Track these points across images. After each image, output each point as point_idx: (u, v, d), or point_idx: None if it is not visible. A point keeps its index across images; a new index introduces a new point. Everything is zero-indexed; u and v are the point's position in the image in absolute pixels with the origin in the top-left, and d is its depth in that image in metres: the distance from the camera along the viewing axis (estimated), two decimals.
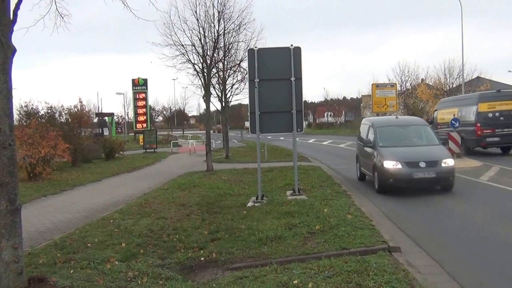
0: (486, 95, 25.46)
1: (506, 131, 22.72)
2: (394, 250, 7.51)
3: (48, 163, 20.40)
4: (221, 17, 22.57)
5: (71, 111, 27.53)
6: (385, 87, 52.59)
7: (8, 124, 5.43)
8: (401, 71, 57.96)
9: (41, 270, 6.86)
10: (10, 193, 5.49)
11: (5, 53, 5.48)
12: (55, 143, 20.47)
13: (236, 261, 7.45)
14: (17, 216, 5.60)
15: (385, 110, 48.05)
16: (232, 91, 28.84)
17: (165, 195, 14.18)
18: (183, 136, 68.71)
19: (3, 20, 5.50)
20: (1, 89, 5.41)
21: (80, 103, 29.43)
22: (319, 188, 13.92)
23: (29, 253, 7.81)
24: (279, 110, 12.85)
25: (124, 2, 7.49)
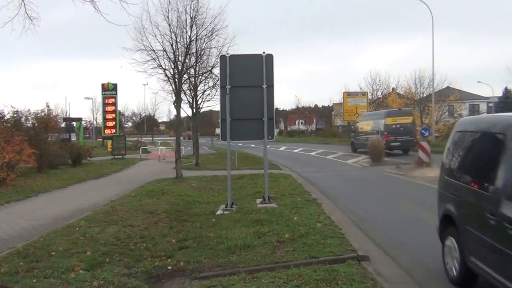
0: (391, 112, 34.90)
1: (404, 138, 31.87)
2: (363, 259, 7.55)
3: (13, 168, 19.93)
4: (194, 23, 22.45)
5: (38, 116, 27.06)
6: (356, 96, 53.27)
7: None
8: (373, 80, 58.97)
9: (2, 279, 6.73)
10: None
11: None
12: (20, 148, 20.07)
13: (204, 270, 7.38)
14: None
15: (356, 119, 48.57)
16: (203, 97, 28.77)
17: (133, 202, 13.97)
18: (152, 143, 68.14)
19: None
20: None
21: (48, 107, 29.03)
22: (289, 196, 13.94)
23: None
24: (250, 117, 12.84)
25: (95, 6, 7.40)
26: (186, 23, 22.22)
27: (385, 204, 14.09)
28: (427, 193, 15.37)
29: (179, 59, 21.64)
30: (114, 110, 50.69)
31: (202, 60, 25.31)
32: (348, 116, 55.47)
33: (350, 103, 52.68)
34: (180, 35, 21.91)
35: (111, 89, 49.70)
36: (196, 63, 24.92)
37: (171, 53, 21.31)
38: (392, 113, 34.05)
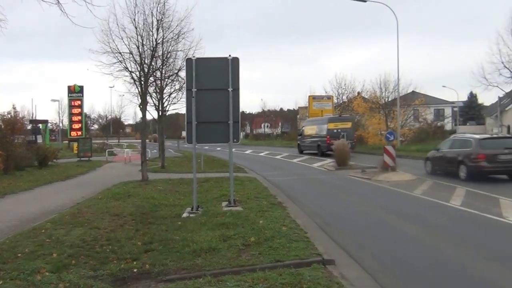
0: (332, 118, 39.59)
1: None
2: (328, 263, 7.65)
3: None
4: (160, 25, 22.46)
5: (4, 118, 26.62)
6: (322, 99, 53.77)
7: None
8: (338, 84, 59.44)
9: None
10: None
11: None
12: None
13: (170, 273, 7.40)
14: None
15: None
16: (170, 100, 28.72)
17: (99, 204, 13.92)
18: (118, 145, 67.50)
19: None
20: None
21: (14, 109, 28.61)
22: (254, 200, 14.11)
23: None
24: (216, 120, 12.90)
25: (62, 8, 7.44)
26: (153, 26, 22.23)
27: (350, 207, 14.40)
28: (392, 196, 15.94)
29: (146, 62, 21.60)
30: (80, 112, 50.29)
31: (169, 63, 25.38)
32: None
33: (315, 107, 53.15)
34: (146, 37, 21.90)
35: (77, 92, 49.28)
36: (162, 66, 24.94)
37: (137, 56, 21.26)
38: (333, 119, 38.84)
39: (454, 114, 69.38)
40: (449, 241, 9.83)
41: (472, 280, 7.33)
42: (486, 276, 7.46)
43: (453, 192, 16.16)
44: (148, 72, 21.64)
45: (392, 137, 22.65)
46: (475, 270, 7.78)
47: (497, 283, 7.16)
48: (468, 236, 10.26)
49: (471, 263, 8.25)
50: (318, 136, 38.61)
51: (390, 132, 23.57)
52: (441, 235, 10.31)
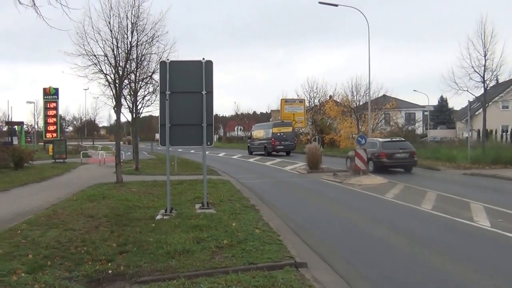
0: (276, 123, 46.57)
1: (286, 143, 43.15)
2: (301, 266, 7.76)
3: None
4: (135, 28, 22.49)
5: None
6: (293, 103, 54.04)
7: None
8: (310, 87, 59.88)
9: None
10: None
11: None
12: None
13: (144, 275, 7.45)
14: None
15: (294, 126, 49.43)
16: (143, 102, 28.64)
17: (74, 206, 13.94)
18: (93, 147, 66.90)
19: None
20: None
21: None
22: (228, 202, 14.27)
23: None
24: (190, 123, 13.00)
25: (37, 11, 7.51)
26: (127, 29, 22.28)
27: (322, 211, 14.61)
28: (364, 200, 16.19)
29: (120, 64, 21.59)
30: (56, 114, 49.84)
31: (143, 65, 25.38)
32: None
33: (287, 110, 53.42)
34: (121, 40, 21.92)
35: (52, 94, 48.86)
36: (137, 68, 24.92)
37: (112, 58, 21.23)
38: (277, 124, 45.80)
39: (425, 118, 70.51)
40: (420, 244, 9.98)
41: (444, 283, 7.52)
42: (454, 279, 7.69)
43: (424, 196, 16.43)
44: (122, 74, 21.64)
45: (364, 141, 22.89)
46: (444, 273, 7.94)
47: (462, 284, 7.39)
48: (437, 239, 10.37)
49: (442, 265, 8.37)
50: (265, 139, 44.84)
51: (361, 136, 23.90)
52: (412, 239, 10.43)
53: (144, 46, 23.64)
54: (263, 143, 44.97)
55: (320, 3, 32.59)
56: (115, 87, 21.36)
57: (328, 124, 54.83)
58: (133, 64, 24.00)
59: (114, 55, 21.20)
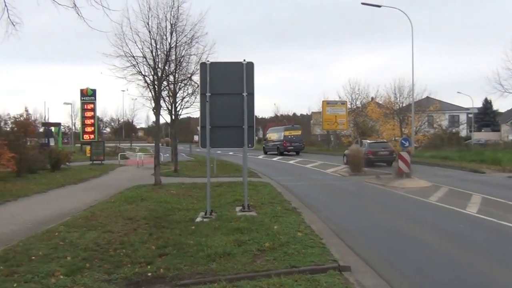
0: (287, 127, 52.44)
1: (295, 144, 49.25)
2: (344, 269, 7.57)
3: None
4: (174, 30, 22.50)
5: (17, 120, 26.78)
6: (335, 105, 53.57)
7: None
8: (352, 89, 59.30)
9: None
10: None
11: None
12: (0, 152, 19.78)
13: (184, 278, 7.34)
14: None
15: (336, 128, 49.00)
16: (182, 104, 28.77)
17: (112, 208, 13.92)
18: (131, 149, 67.74)
19: None
20: None
21: (26, 112, 28.77)
22: (268, 205, 14.01)
23: None
24: (230, 125, 12.83)
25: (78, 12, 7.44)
26: (166, 30, 22.29)
27: (365, 214, 14.25)
28: (408, 203, 15.76)
29: (159, 66, 21.63)
30: (93, 115, 50.51)
31: (182, 67, 25.42)
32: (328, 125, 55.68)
33: (329, 112, 53.00)
34: (160, 41, 21.94)
35: (90, 95, 49.51)
36: (176, 70, 24.95)
37: (151, 60, 21.28)
38: (288, 128, 51.85)
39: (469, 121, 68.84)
40: (466, 248, 9.71)
41: None
42: None
43: (469, 199, 15.98)
44: (161, 76, 21.66)
45: (407, 143, 22.57)
46: (492, 278, 7.70)
47: None
48: (484, 243, 10.10)
49: (490, 270, 8.16)
50: (278, 141, 50.86)
51: (405, 139, 23.56)
52: (458, 243, 10.17)
53: (183, 47, 23.70)
54: (276, 144, 50.76)
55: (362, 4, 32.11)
56: (154, 88, 21.38)
57: (370, 126, 54.11)
58: (172, 66, 24.04)
59: (153, 57, 21.25)
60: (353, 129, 56.14)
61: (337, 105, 53.75)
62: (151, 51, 21.29)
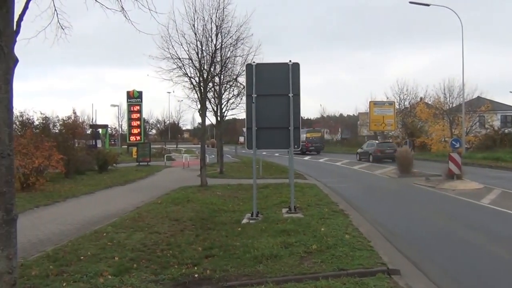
0: (309, 130, 59.31)
1: (315, 145, 57.01)
2: (394, 273, 7.38)
3: (42, 173, 20.23)
4: (219, 31, 22.62)
5: (66, 122, 27.42)
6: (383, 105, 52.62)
7: (8, 133, 5.38)
8: (400, 89, 58.14)
9: (33, 282, 6.81)
10: (7, 203, 5.42)
11: (7, 64, 5.46)
12: (49, 154, 20.32)
13: (231, 279, 7.29)
14: (13, 227, 5.52)
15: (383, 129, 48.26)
16: (228, 105, 28.93)
17: (159, 209, 14.03)
18: (176, 150, 68.54)
19: (6, 31, 5.48)
20: (2, 99, 5.37)
21: (74, 114, 29.38)
22: (315, 207, 13.81)
23: (22, 264, 7.65)
24: (276, 126, 12.76)
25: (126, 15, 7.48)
26: (212, 32, 22.42)
27: (415, 216, 13.90)
28: (459, 206, 15.30)
29: (205, 68, 21.75)
30: (139, 117, 51.30)
31: (227, 68, 25.51)
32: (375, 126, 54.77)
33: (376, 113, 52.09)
34: (205, 43, 22.10)
35: (136, 97, 50.33)
36: (221, 71, 25.09)
37: (196, 62, 21.44)
38: (310, 131, 59.10)
39: None
40: None
41: None
42: None
43: None
44: (207, 77, 21.76)
45: (458, 144, 22.06)
46: None
47: None
48: None
49: None
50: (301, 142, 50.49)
51: (455, 139, 23.04)
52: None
53: (228, 48, 23.78)
54: None
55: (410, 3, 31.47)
56: (200, 90, 21.52)
57: (419, 127, 52.96)
58: (218, 67, 24.15)
59: (198, 58, 21.40)
60: (401, 130, 55.09)
61: (385, 106, 52.76)
62: (197, 53, 21.50)
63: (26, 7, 5.79)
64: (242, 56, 24.84)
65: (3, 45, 5.40)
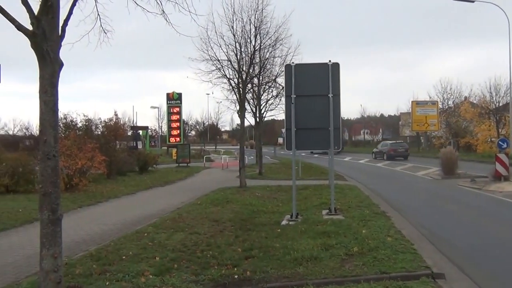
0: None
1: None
2: (438, 277, 7.18)
3: (85, 174, 20.64)
4: (258, 32, 22.63)
5: (107, 124, 27.92)
6: (425, 105, 51.71)
7: (53, 135, 5.52)
8: (443, 89, 56.88)
9: (77, 281, 6.93)
10: (53, 203, 5.57)
11: (53, 68, 5.61)
12: (92, 155, 20.73)
13: (271, 281, 7.25)
14: (58, 226, 5.67)
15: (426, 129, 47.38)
16: (267, 106, 28.94)
17: (198, 210, 14.15)
18: (215, 151, 68.97)
19: (52, 36, 5.64)
20: (48, 101, 5.53)
21: (116, 116, 29.91)
22: (356, 208, 13.63)
23: (66, 263, 7.82)
24: (316, 127, 12.66)
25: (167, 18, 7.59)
26: (251, 33, 22.45)
27: (460, 219, 13.53)
28: (506, 208, 14.85)
29: (243, 69, 21.83)
30: (179, 119, 51.75)
31: (266, 69, 25.49)
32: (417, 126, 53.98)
33: (419, 113, 51.30)
34: (244, 44, 22.16)
35: (175, 99, 50.81)
36: (260, 72, 25.06)
37: (235, 63, 21.57)
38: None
39: None
40: None
41: None
42: None
43: None
44: (246, 79, 21.83)
45: (505, 145, 21.52)
46: None
47: None
48: None
49: None
50: None
51: (502, 140, 22.50)
52: None
53: (267, 49, 23.77)
54: None
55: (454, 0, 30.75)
56: (239, 91, 21.62)
57: (464, 127, 51.72)
58: (257, 68, 24.14)
59: (237, 60, 21.51)
60: (445, 130, 53.92)
61: (428, 105, 51.88)
62: (236, 54, 21.62)
63: (70, 13, 5.93)
64: (281, 57, 24.87)
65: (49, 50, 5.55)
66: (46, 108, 5.55)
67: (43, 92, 5.58)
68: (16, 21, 5.60)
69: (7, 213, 13.91)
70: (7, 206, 15.22)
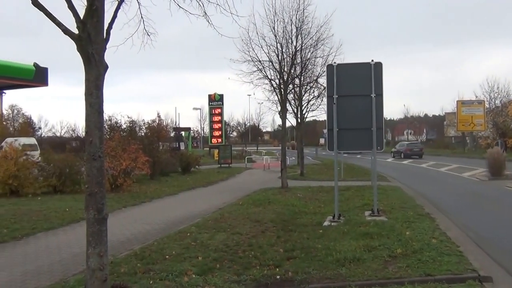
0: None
1: None
2: (485, 280, 7.01)
3: (129, 175, 20.98)
4: (299, 33, 22.58)
5: (151, 125, 28.35)
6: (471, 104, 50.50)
7: (99, 137, 5.65)
8: (490, 88, 55.40)
9: (122, 279, 7.04)
10: (98, 202, 5.70)
11: (98, 70, 5.74)
12: (136, 156, 21.06)
13: (313, 282, 7.21)
14: (104, 225, 5.80)
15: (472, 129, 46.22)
16: (308, 107, 28.84)
17: (240, 210, 14.20)
18: (257, 152, 69.12)
19: (97, 39, 5.77)
20: (93, 103, 5.66)
21: (159, 117, 30.36)
22: (399, 210, 13.42)
23: (112, 262, 7.95)
24: (358, 127, 12.50)
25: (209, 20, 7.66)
26: (292, 34, 22.43)
27: (508, 222, 13.09)
28: None
29: (285, 69, 21.82)
30: (220, 120, 52.17)
31: (307, 69, 25.41)
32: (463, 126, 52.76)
33: (464, 112, 50.13)
34: (285, 45, 22.15)
35: (217, 100, 51.26)
36: (301, 73, 25.00)
37: (276, 64, 21.58)
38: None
39: None
40: None
41: None
42: None
43: None
44: (287, 79, 21.81)
45: None
46: None
47: None
48: None
49: None
50: None
51: None
52: None
53: (308, 50, 23.70)
54: None
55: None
56: (280, 92, 21.61)
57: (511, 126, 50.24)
58: (298, 69, 24.12)
59: (278, 60, 21.52)
60: (492, 130, 52.50)
61: (474, 105, 50.60)
62: (277, 55, 21.63)
63: (115, 16, 6.06)
64: (323, 57, 24.72)
65: (94, 53, 5.68)
66: (91, 110, 5.69)
67: (89, 94, 5.72)
68: (63, 25, 5.76)
69: (54, 212, 14.25)
70: (54, 206, 15.59)
